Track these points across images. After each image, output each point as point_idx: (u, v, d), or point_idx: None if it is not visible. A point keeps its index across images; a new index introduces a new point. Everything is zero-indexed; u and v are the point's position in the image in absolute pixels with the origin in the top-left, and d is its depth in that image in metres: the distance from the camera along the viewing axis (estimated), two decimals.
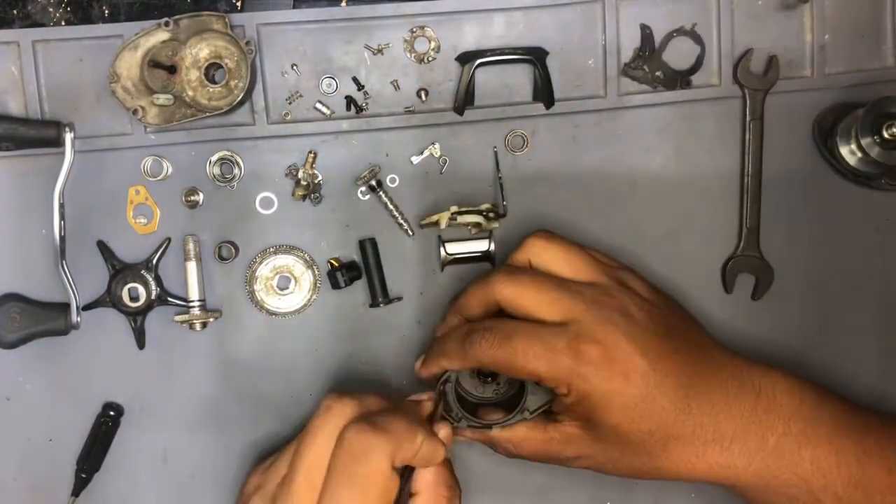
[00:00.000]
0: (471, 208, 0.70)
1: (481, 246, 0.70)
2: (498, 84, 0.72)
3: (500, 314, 0.63)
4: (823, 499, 0.59)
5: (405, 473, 0.58)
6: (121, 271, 0.70)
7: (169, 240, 0.70)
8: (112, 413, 0.70)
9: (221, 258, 0.71)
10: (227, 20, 0.67)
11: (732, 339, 0.72)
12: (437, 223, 0.69)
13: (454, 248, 0.70)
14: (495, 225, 0.70)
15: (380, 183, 0.71)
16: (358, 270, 0.71)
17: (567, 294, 0.60)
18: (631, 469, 0.61)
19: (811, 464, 0.59)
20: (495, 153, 0.72)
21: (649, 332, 0.59)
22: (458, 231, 0.71)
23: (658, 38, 0.71)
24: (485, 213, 0.69)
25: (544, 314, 0.60)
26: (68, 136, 0.68)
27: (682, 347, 0.61)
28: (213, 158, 0.70)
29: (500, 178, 0.71)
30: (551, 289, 0.61)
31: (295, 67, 0.71)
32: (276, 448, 0.71)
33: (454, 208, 0.69)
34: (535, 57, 0.70)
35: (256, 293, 0.71)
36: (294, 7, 0.71)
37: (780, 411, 0.59)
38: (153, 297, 0.70)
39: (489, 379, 0.64)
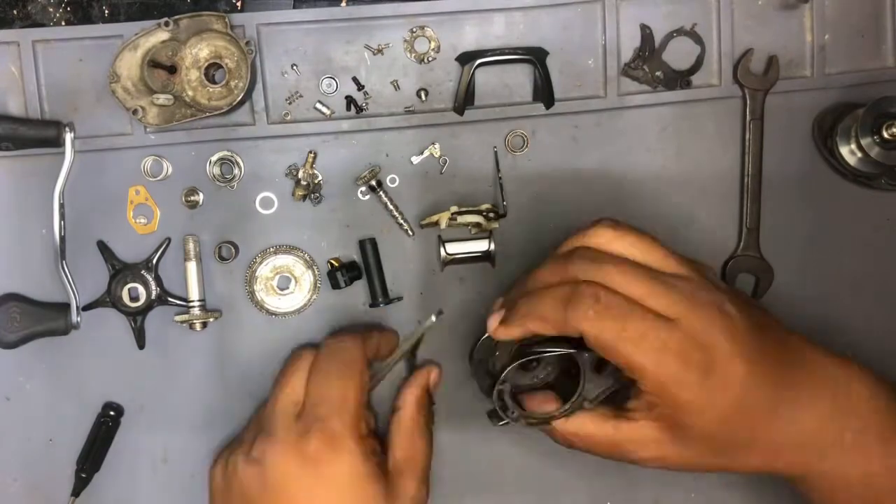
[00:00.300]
0: (471, 208, 0.70)
1: (481, 246, 0.70)
2: (498, 84, 0.72)
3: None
4: (886, 500, 0.57)
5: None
6: (121, 271, 0.70)
7: (169, 240, 0.70)
8: (112, 413, 0.70)
9: (221, 258, 0.71)
10: (227, 20, 0.67)
11: None
12: (437, 223, 0.69)
13: (454, 248, 0.70)
14: (495, 225, 0.70)
15: (380, 183, 0.71)
16: (358, 270, 0.71)
17: (667, 287, 0.55)
18: (707, 467, 0.58)
19: (882, 463, 0.56)
20: (495, 153, 0.72)
21: (746, 331, 0.55)
22: (458, 231, 0.71)
23: (658, 38, 0.71)
24: (485, 213, 0.69)
25: (650, 300, 0.54)
26: (68, 136, 0.68)
27: (772, 344, 0.57)
28: (213, 158, 0.70)
29: (500, 178, 0.71)
30: (652, 279, 0.55)
31: (295, 67, 0.71)
32: None
33: (454, 208, 0.69)
34: (535, 57, 0.70)
35: (256, 293, 0.71)
36: (294, 7, 0.71)
37: (857, 408, 0.57)
38: (153, 297, 0.70)
39: (533, 364, 0.61)
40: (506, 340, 0.60)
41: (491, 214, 0.69)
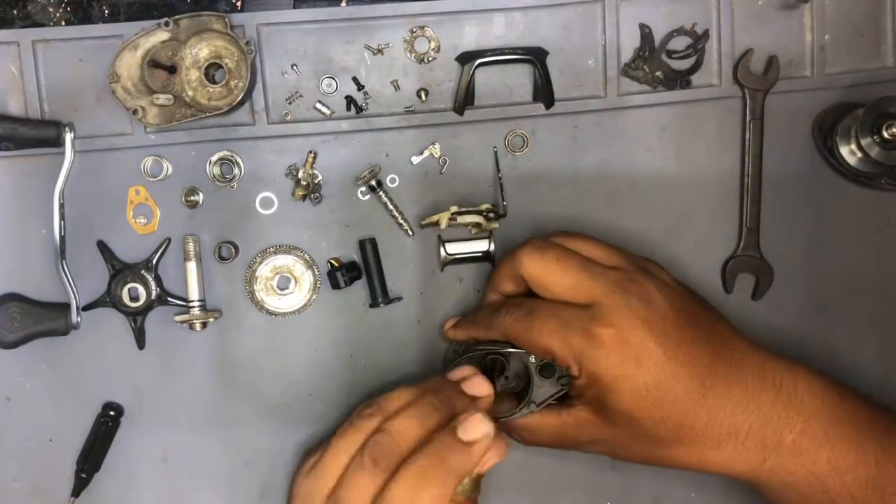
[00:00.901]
0: (471, 208, 0.70)
1: (481, 246, 0.70)
2: (498, 84, 0.72)
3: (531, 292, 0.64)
4: (839, 499, 0.58)
5: None
6: (121, 271, 0.70)
7: (169, 240, 0.70)
8: (112, 413, 0.70)
9: (221, 258, 0.71)
10: (227, 20, 0.67)
11: None
12: (437, 223, 0.69)
13: (454, 248, 0.70)
14: (495, 225, 0.70)
15: (380, 183, 0.71)
16: (358, 270, 0.71)
17: (590, 276, 0.61)
18: (643, 455, 0.62)
19: (828, 463, 0.58)
20: (495, 153, 0.72)
21: (668, 319, 0.59)
22: (458, 231, 0.71)
23: (658, 38, 0.71)
24: (485, 213, 0.69)
25: (567, 295, 0.61)
26: (68, 136, 0.68)
27: (703, 337, 0.60)
28: (213, 158, 0.70)
29: (500, 178, 0.71)
30: (575, 270, 0.61)
31: (295, 67, 0.71)
32: (275, 447, 0.71)
33: (454, 208, 0.69)
34: (535, 57, 0.70)
35: (256, 293, 0.71)
36: (294, 7, 0.71)
37: (801, 408, 0.59)
38: (153, 297, 0.70)
39: (498, 375, 0.65)
40: (469, 346, 0.68)
41: (491, 214, 0.69)
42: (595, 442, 0.63)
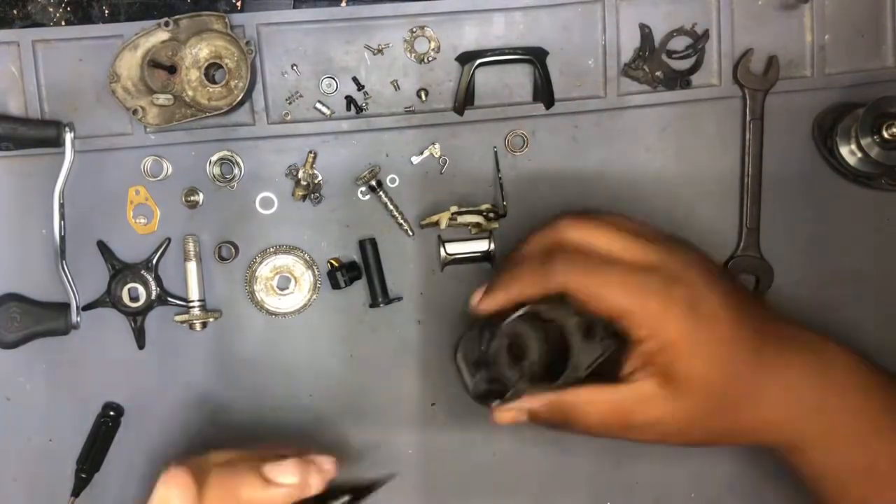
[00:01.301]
0: (471, 208, 0.70)
1: (481, 246, 0.70)
2: (498, 84, 0.72)
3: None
4: (882, 468, 0.58)
5: None
6: (121, 271, 0.70)
7: (169, 240, 0.70)
8: (112, 413, 0.70)
9: (221, 258, 0.71)
10: (227, 20, 0.67)
11: None
12: (437, 223, 0.69)
13: (454, 248, 0.70)
14: (495, 225, 0.70)
15: (380, 183, 0.71)
16: (358, 270, 0.71)
17: (646, 240, 0.57)
18: (709, 431, 0.58)
19: (868, 430, 0.58)
20: (495, 153, 0.72)
21: (724, 281, 0.57)
22: (458, 231, 0.71)
23: (658, 38, 0.71)
24: (485, 214, 0.69)
25: (626, 255, 0.56)
26: (68, 136, 0.68)
27: (747, 300, 0.59)
28: (213, 158, 0.70)
29: (500, 178, 0.71)
30: (629, 231, 0.58)
31: (295, 67, 0.71)
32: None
33: (454, 208, 0.69)
34: (535, 57, 0.70)
35: (256, 293, 0.71)
36: (294, 7, 0.71)
37: (838, 379, 0.58)
38: (153, 297, 0.70)
39: (517, 357, 0.58)
40: (491, 323, 0.58)
41: (491, 214, 0.70)
42: (656, 422, 0.56)
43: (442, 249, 0.70)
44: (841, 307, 0.73)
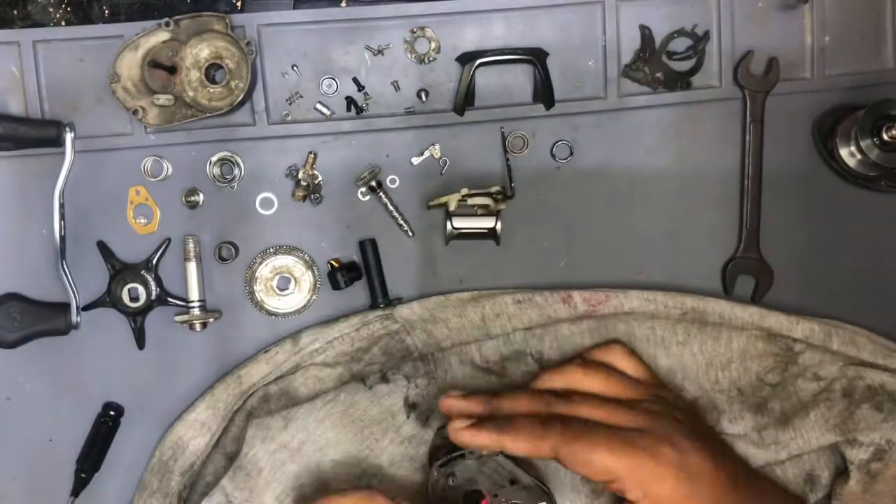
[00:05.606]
0: (480, 190, 0.69)
1: (488, 223, 0.70)
2: (498, 85, 0.72)
3: None
4: None
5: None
6: (121, 271, 0.70)
7: (169, 240, 0.70)
8: (112, 413, 0.70)
9: (221, 258, 0.71)
10: (227, 20, 0.67)
11: None
12: (445, 204, 0.69)
13: (461, 223, 0.70)
14: (502, 206, 0.69)
15: (380, 184, 0.71)
16: (358, 271, 0.71)
17: (630, 408, 0.61)
18: None
19: None
20: (502, 132, 0.71)
21: (706, 437, 0.62)
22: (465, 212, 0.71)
23: (658, 39, 0.71)
24: (493, 195, 0.69)
25: (614, 421, 0.60)
26: (68, 136, 0.68)
27: (727, 455, 0.64)
28: (214, 159, 0.70)
29: (507, 159, 0.71)
30: (615, 405, 0.61)
31: (295, 68, 0.71)
32: None
33: (465, 191, 0.69)
34: (536, 57, 0.70)
35: (256, 293, 0.71)
36: (294, 7, 0.71)
37: None
38: (153, 297, 0.70)
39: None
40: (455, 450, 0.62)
41: (499, 196, 0.69)
42: None
43: (449, 223, 0.69)
44: (841, 308, 0.73)
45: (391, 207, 0.71)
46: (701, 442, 0.60)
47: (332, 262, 0.71)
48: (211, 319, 0.70)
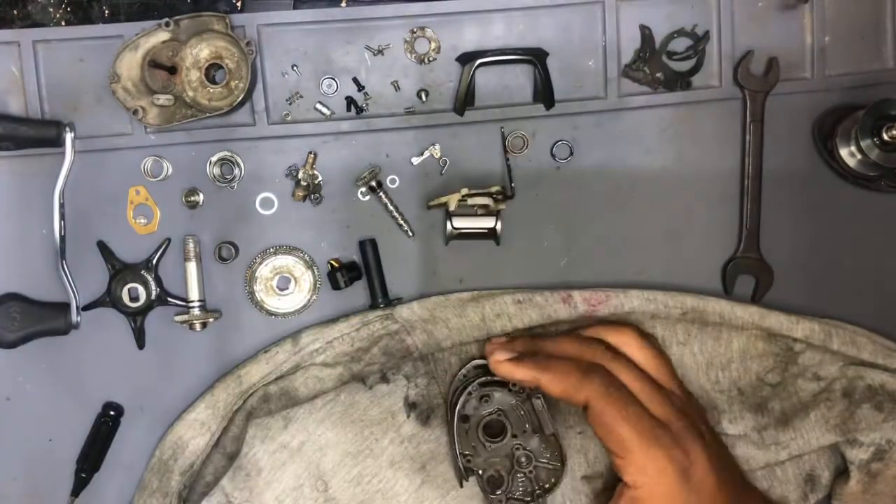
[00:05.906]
0: (480, 191, 0.69)
1: (488, 223, 0.70)
2: (498, 85, 0.72)
3: None
4: None
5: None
6: (121, 271, 0.70)
7: (169, 240, 0.70)
8: (112, 413, 0.70)
9: (221, 258, 0.71)
10: (227, 20, 0.67)
11: None
12: (445, 204, 0.69)
13: (461, 224, 0.70)
14: (502, 206, 0.70)
15: (380, 184, 0.71)
16: (358, 271, 0.71)
17: (663, 397, 0.62)
18: None
19: None
20: (502, 132, 0.71)
21: (716, 450, 0.63)
22: (465, 212, 0.71)
23: (658, 39, 0.71)
24: (493, 195, 0.69)
25: (646, 404, 0.61)
26: (68, 136, 0.68)
27: (731, 469, 0.65)
28: (214, 159, 0.70)
29: (507, 159, 0.71)
30: (652, 387, 0.63)
31: (295, 68, 0.71)
32: None
33: (465, 191, 0.69)
34: (536, 57, 0.70)
35: (256, 293, 0.71)
36: (294, 7, 0.71)
37: None
38: (153, 297, 0.70)
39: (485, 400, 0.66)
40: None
41: (499, 196, 0.69)
42: None
43: (449, 223, 0.69)
44: (841, 308, 0.73)
45: (391, 207, 0.71)
46: (712, 462, 0.61)
47: (332, 262, 0.71)
48: (211, 319, 0.70)
